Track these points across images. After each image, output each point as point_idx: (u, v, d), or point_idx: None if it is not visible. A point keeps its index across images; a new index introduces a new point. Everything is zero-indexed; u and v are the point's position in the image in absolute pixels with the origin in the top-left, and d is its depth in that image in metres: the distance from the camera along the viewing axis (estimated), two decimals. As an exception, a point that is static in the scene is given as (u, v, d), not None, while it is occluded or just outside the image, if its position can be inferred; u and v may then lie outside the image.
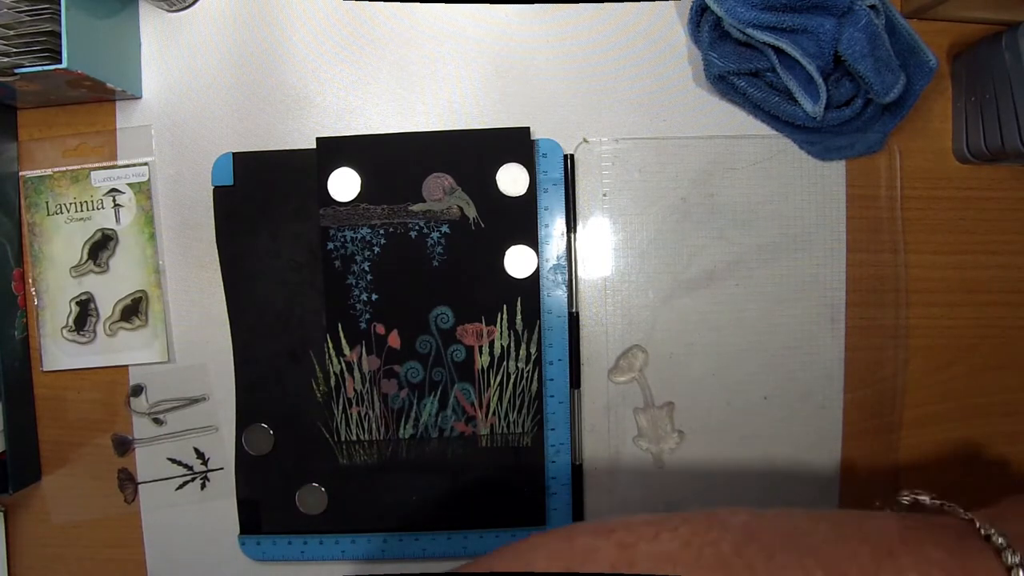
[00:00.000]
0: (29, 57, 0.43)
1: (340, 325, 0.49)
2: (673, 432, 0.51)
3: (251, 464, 0.50)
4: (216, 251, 0.50)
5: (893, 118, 0.49)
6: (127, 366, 0.51)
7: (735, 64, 0.47)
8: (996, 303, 0.52)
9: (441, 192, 0.49)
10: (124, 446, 0.51)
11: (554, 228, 0.50)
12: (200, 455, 0.51)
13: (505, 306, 0.49)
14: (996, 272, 0.52)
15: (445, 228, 0.49)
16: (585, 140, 0.50)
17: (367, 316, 0.49)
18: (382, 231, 0.49)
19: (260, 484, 0.50)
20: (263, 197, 0.50)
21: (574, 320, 0.50)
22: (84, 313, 0.51)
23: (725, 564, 0.27)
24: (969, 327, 0.52)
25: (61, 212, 0.50)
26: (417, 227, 0.49)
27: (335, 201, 0.49)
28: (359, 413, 0.50)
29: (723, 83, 0.48)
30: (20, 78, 0.43)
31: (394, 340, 0.49)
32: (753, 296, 0.51)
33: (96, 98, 0.50)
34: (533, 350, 0.49)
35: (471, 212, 0.49)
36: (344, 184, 0.49)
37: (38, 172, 0.51)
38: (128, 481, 0.52)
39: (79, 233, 0.50)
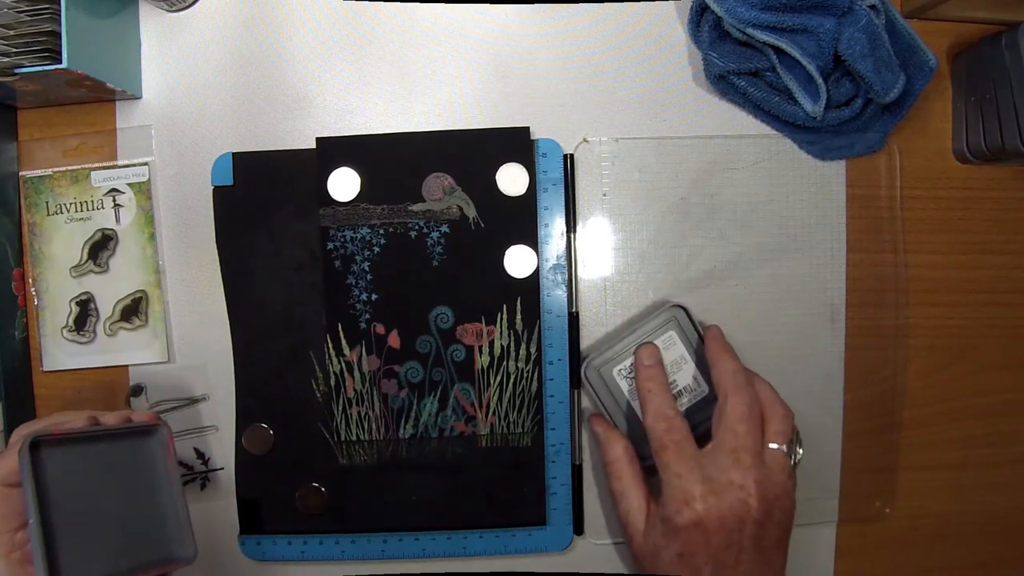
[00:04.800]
0: (29, 57, 0.43)
1: (340, 325, 0.49)
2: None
3: (251, 464, 0.50)
4: (216, 251, 0.50)
5: (893, 118, 0.49)
6: (127, 366, 0.51)
7: (735, 64, 0.47)
8: (996, 303, 0.52)
9: (441, 192, 0.49)
10: (124, 446, 0.51)
11: (554, 228, 0.50)
12: (200, 455, 0.51)
13: (505, 306, 0.49)
14: (996, 272, 0.52)
15: (445, 228, 0.49)
16: (585, 140, 0.50)
17: (367, 316, 0.49)
18: (382, 231, 0.49)
19: (260, 484, 0.50)
20: (263, 197, 0.50)
21: (574, 320, 0.50)
22: (84, 313, 0.51)
23: None
24: (969, 327, 0.52)
25: (61, 212, 0.50)
26: (417, 227, 0.49)
27: (335, 201, 0.49)
28: (359, 413, 0.50)
29: (723, 83, 0.48)
30: (20, 78, 0.43)
31: (394, 340, 0.49)
32: (753, 296, 0.51)
33: (96, 98, 0.50)
34: (533, 350, 0.49)
35: (471, 212, 0.49)
36: (344, 184, 0.49)
37: (38, 172, 0.50)
38: (128, 481, 0.52)
39: (79, 233, 0.50)
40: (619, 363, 0.47)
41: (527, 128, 0.49)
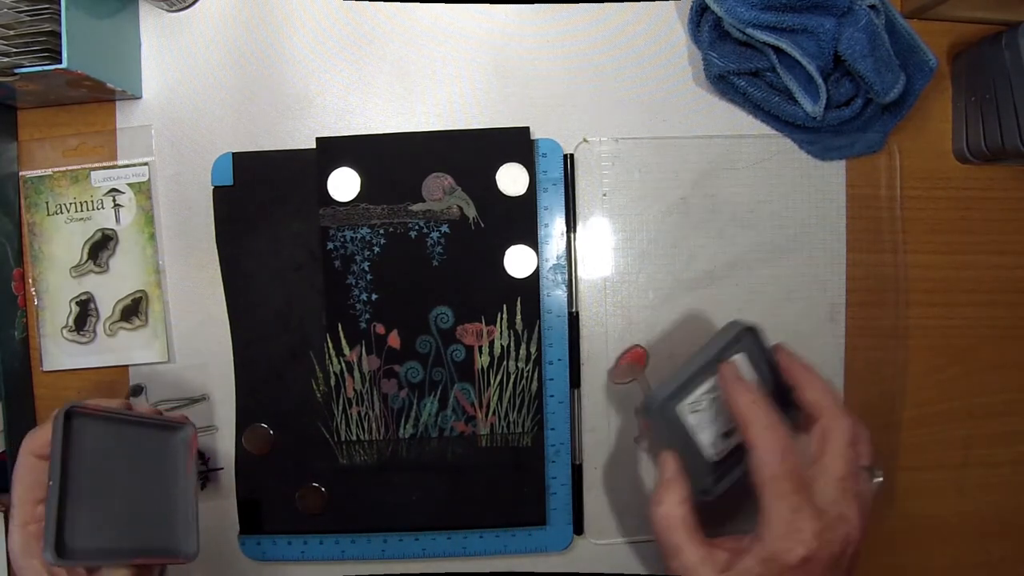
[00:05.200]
0: (29, 57, 0.43)
1: (340, 325, 0.49)
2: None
3: (251, 464, 0.50)
4: (216, 251, 0.50)
5: (893, 118, 0.49)
6: (127, 366, 0.51)
7: (735, 64, 0.47)
8: (996, 303, 0.52)
9: (441, 192, 0.49)
10: (124, 446, 0.51)
11: (554, 228, 0.50)
12: (200, 455, 0.51)
13: (505, 306, 0.49)
14: (996, 272, 0.52)
15: (445, 228, 0.49)
16: (585, 140, 0.50)
17: (367, 316, 0.49)
18: (382, 231, 0.49)
19: (260, 484, 0.50)
20: (263, 197, 0.50)
21: (574, 320, 0.50)
22: (84, 313, 0.51)
23: None
24: (969, 327, 0.52)
25: (61, 212, 0.50)
26: (417, 227, 0.49)
27: (335, 201, 0.49)
28: (359, 413, 0.50)
29: (723, 83, 0.48)
30: (20, 78, 0.43)
31: (394, 340, 0.49)
32: (753, 296, 0.51)
33: (96, 98, 0.50)
34: (533, 350, 0.49)
35: (471, 212, 0.49)
36: (344, 184, 0.49)
37: (38, 172, 0.50)
38: (128, 481, 0.52)
39: (79, 233, 0.50)
40: (687, 397, 0.42)
41: (527, 128, 0.49)
